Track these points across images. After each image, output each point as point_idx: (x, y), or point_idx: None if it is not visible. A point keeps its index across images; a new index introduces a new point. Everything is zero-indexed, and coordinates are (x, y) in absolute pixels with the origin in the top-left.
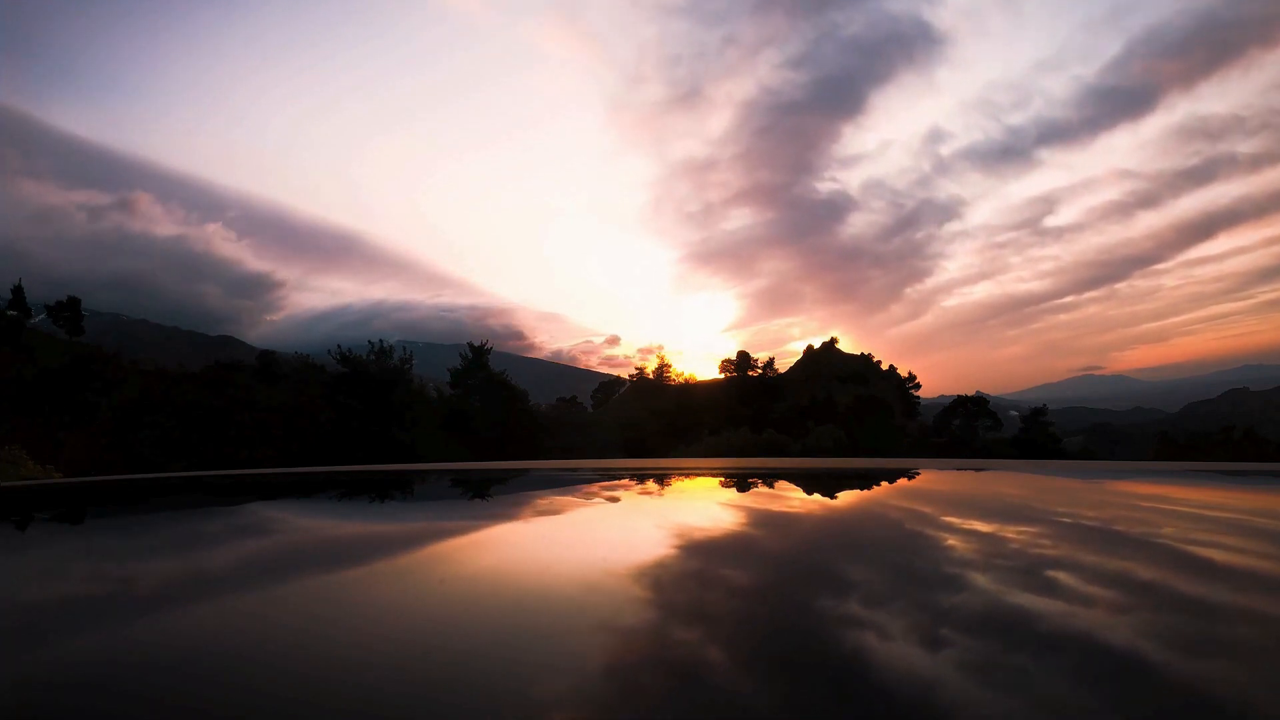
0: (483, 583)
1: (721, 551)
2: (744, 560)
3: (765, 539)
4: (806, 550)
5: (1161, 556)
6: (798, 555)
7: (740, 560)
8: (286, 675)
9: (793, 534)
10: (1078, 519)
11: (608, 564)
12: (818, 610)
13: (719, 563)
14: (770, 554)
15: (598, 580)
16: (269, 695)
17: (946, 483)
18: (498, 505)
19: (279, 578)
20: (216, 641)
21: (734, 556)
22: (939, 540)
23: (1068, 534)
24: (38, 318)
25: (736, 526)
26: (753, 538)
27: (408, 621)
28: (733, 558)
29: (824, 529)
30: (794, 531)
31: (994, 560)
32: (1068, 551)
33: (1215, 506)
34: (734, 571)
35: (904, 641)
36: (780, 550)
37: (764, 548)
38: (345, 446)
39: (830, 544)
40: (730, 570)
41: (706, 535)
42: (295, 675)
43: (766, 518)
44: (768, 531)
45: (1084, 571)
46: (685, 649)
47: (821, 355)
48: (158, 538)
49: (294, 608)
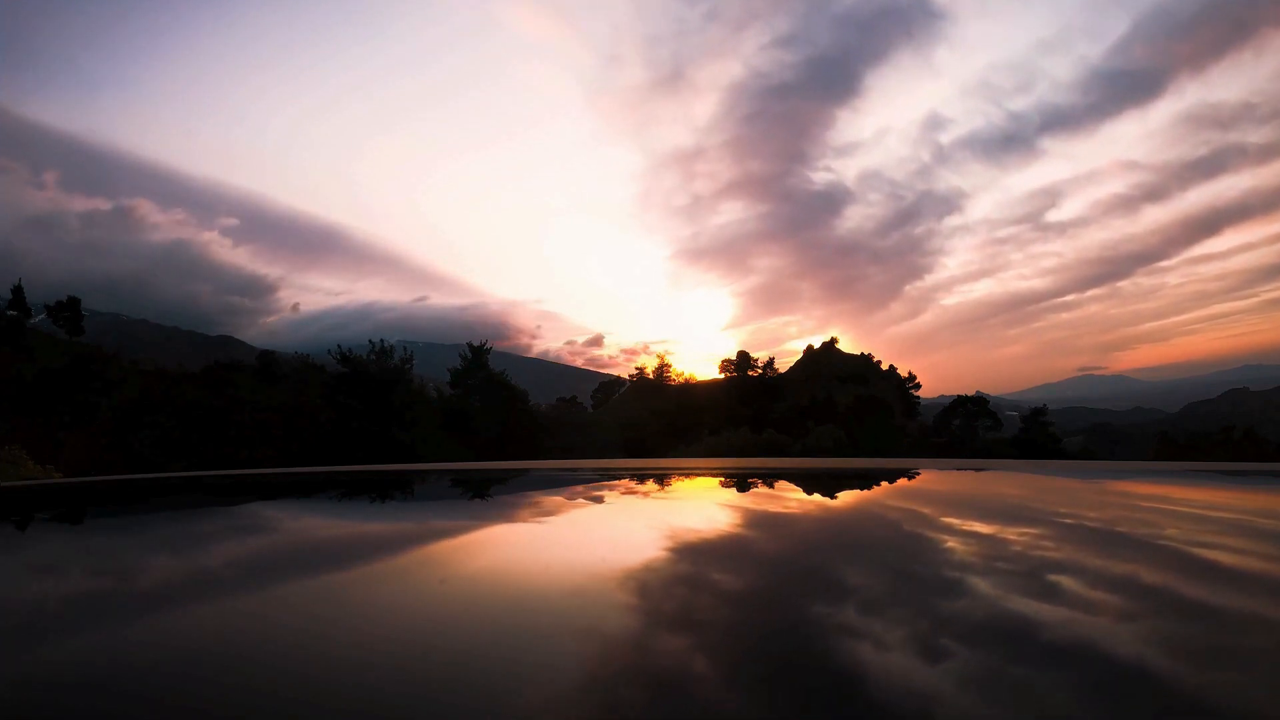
0: (483, 583)
1: (721, 553)
2: (743, 562)
3: (765, 540)
4: (805, 552)
5: (1165, 559)
6: (796, 557)
7: (739, 562)
8: (286, 675)
9: (792, 535)
10: (1080, 520)
11: (607, 564)
12: (815, 616)
13: (718, 564)
14: (769, 555)
15: (598, 580)
16: (269, 695)
17: (946, 483)
18: (498, 505)
19: (279, 578)
20: (216, 641)
21: (733, 558)
22: (939, 543)
23: (1070, 535)
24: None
25: (736, 527)
26: (752, 539)
27: (408, 621)
28: (732, 559)
29: (823, 530)
30: (793, 533)
31: (995, 564)
32: (1070, 554)
33: (1217, 507)
34: (733, 573)
35: (902, 652)
36: (779, 552)
37: (763, 549)
38: (345, 446)
39: (829, 546)
40: (729, 572)
41: (706, 536)
42: (295, 675)
43: (766, 518)
44: (767, 532)
45: (1087, 575)
46: (683, 649)
47: (821, 355)
48: (158, 538)
49: (294, 607)
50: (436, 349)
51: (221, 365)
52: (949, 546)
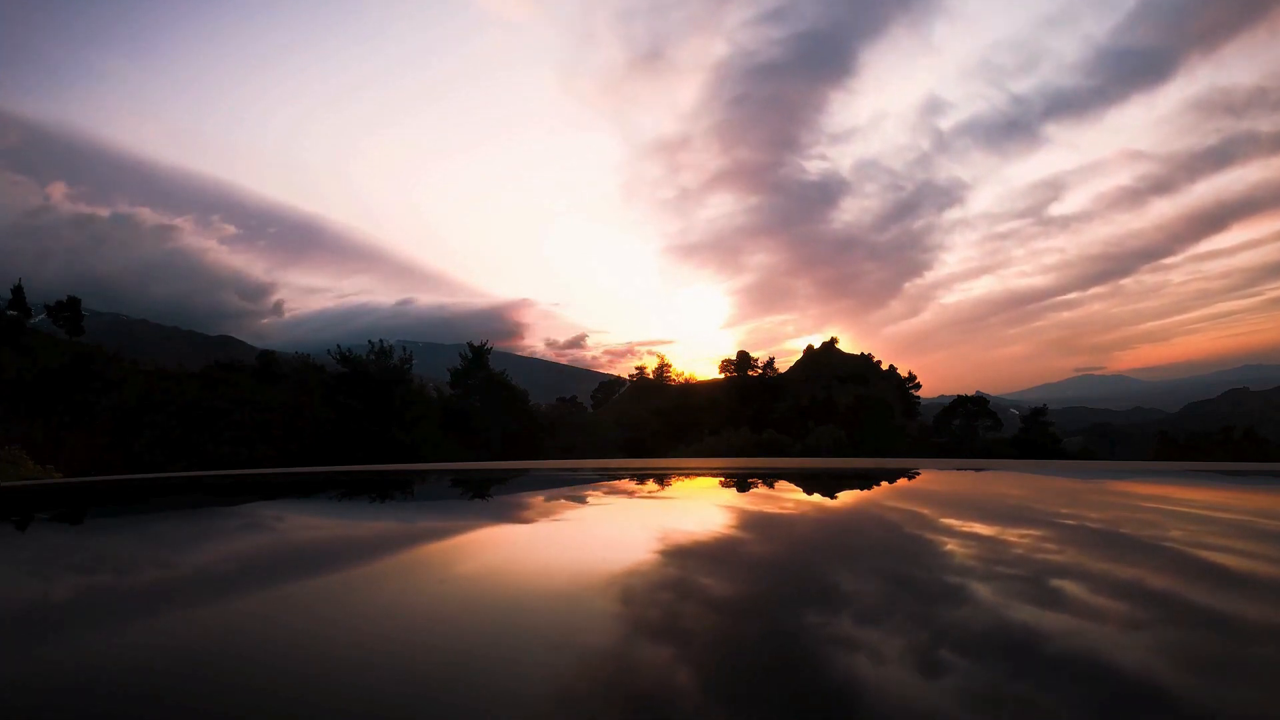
0: (482, 583)
1: (720, 554)
2: (743, 563)
3: (764, 541)
4: (804, 553)
5: (1167, 560)
6: (796, 559)
7: (739, 563)
8: (287, 675)
9: (791, 537)
10: (1081, 521)
11: (607, 564)
12: (810, 624)
13: (718, 565)
14: (768, 557)
15: (597, 580)
16: (269, 695)
17: (947, 483)
18: (498, 505)
19: (279, 578)
20: (216, 641)
21: (733, 559)
22: (940, 545)
23: (1072, 537)
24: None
25: (736, 528)
26: (752, 540)
27: (408, 621)
28: (732, 561)
29: (823, 532)
30: (793, 534)
31: (996, 568)
32: (1073, 557)
33: (1217, 507)
34: (733, 574)
35: (901, 664)
36: (778, 554)
37: (763, 550)
38: (345, 446)
39: (829, 547)
40: (729, 573)
41: (706, 537)
42: (295, 675)
43: (766, 519)
44: (767, 533)
45: (1090, 578)
46: (683, 650)
47: (821, 355)
48: (158, 538)
49: (294, 607)
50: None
51: (221, 365)
52: (950, 549)
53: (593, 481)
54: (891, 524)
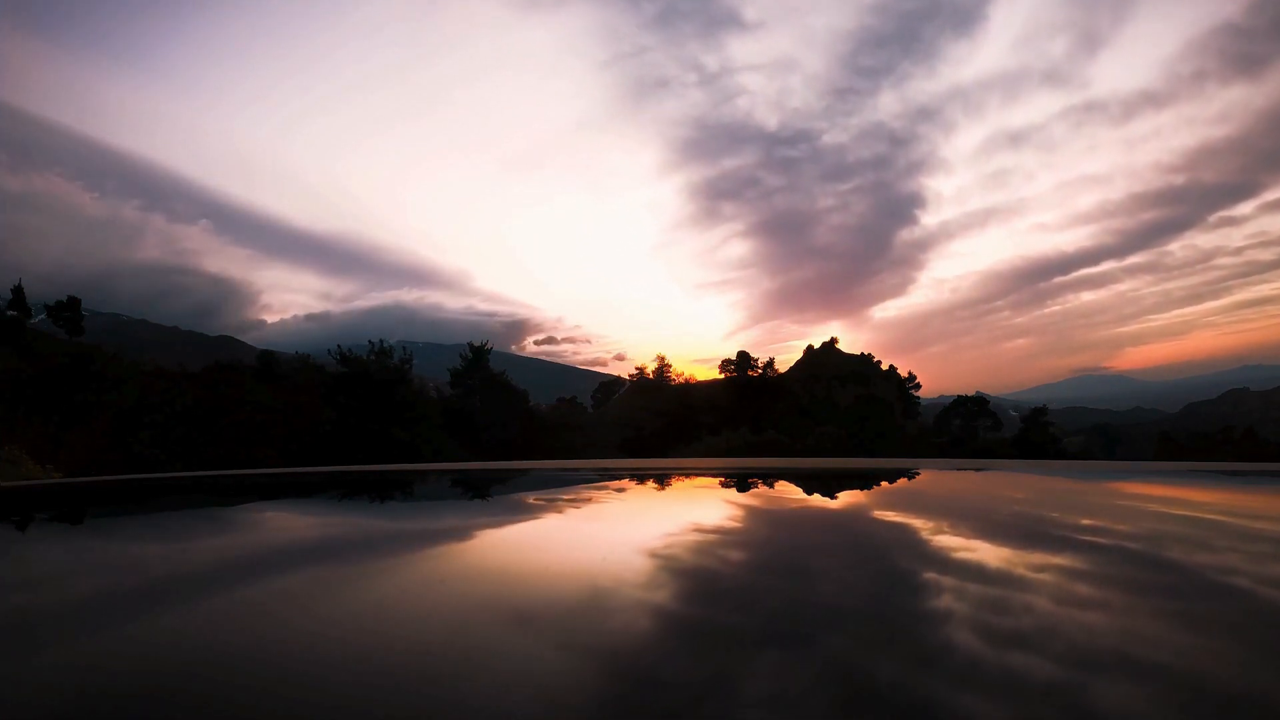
0: (483, 583)
1: (720, 555)
2: (743, 564)
3: (764, 541)
4: (804, 554)
5: (1170, 561)
6: (795, 559)
7: (739, 564)
8: (286, 675)
9: (791, 539)
10: (1082, 521)
11: (607, 564)
12: (810, 624)
13: (718, 565)
14: (768, 558)
15: (597, 580)
16: (269, 695)
17: (947, 483)
18: (498, 505)
19: (279, 578)
20: (216, 641)
21: (732, 560)
22: (940, 547)
23: (1073, 537)
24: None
25: (736, 528)
26: (751, 541)
27: (408, 621)
28: (731, 561)
29: (824, 532)
30: (792, 536)
31: (997, 570)
32: (1075, 558)
33: (1217, 507)
34: (732, 575)
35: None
36: (777, 555)
37: (763, 551)
38: (345, 446)
39: (829, 548)
40: (728, 574)
41: (706, 538)
42: (295, 675)
43: (766, 519)
44: (766, 534)
45: (1092, 580)
46: (681, 651)
47: (821, 355)
48: (158, 538)
49: (294, 607)
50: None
51: (221, 365)
52: (950, 551)
53: (593, 481)
54: (891, 524)
